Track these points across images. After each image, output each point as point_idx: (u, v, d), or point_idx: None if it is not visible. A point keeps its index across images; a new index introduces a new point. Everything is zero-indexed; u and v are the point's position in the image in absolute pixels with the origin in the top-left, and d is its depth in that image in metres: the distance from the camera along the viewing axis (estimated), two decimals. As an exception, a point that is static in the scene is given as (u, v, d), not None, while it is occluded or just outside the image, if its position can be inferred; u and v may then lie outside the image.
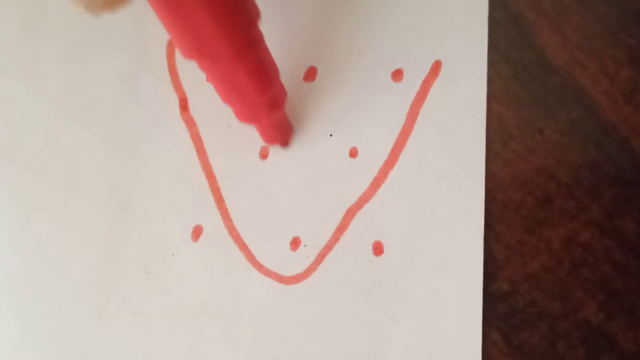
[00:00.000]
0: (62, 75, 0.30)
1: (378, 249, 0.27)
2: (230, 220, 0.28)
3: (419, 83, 0.27)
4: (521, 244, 0.26)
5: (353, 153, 0.27)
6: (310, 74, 0.28)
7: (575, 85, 0.26)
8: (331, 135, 0.28)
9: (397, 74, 0.27)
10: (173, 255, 0.28)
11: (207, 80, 0.23)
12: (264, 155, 0.28)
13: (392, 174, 0.27)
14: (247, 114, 0.25)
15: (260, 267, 0.28)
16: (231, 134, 0.28)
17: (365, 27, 0.28)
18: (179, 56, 0.29)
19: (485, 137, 0.26)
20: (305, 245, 0.27)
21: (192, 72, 0.29)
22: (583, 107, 0.26)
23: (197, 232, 0.28)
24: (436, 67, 0.27)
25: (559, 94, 0.26)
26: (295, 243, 0.27)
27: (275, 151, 0.28)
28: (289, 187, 0.28)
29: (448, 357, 0.26)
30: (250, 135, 0.28)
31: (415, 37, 0.27)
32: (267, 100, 0.24)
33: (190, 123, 0.29)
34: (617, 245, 0.25)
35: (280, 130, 0.27)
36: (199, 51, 0.21)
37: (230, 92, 0.24)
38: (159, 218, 0.29)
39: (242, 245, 0.28)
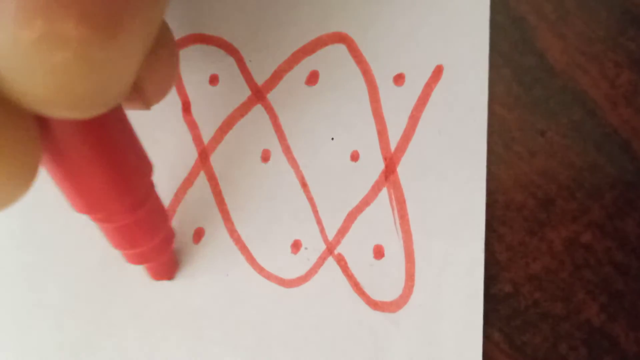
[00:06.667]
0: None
1: (379, 252, 0.27)
2: (232, 222, 0.28)
3: (420, 87, 0.27)
4: (523, 245, 0.26)
5: (354, 157, 0.28)
6: (313, 78, 0.28)
7: (576, 88, 0.27)
8: (332, 138, 0.28)
9: (399, 78, 0.28)
10: (173, 257, 0.28)
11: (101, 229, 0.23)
12: (265, 158, 0.28)
13: (394, 178, 0.27)
14: (137, 258, 0.25)
15: (261, 270, 0.27)
16: (233, 137, 0.28)
17: (367, 31, 0.28)
18: (182, 60, 0.29)
19: (488, 139, 0.26)
20: (306, 249, 0.27)
21: (195, 77, 0.29)
22: (584, 110, 0.26)
23: (198, 235, 0.28)
24: (438, 71, 0.27)
25: (560, 97, 0.27)
26: (296, 246, 0.27)
27: (277, 154, 0.28)
28: (290, 190, 0.28)
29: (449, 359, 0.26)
30: (252, 138, 0.28)
31: (417, 41, 0.28)
32: (157, 245, 0.25)
33: (192, 126, 0.29)
34: (619, 246, 0.26)
35: (166, 267, 0.27)
36: (91, 208, 0.21)
37: (121, 241, 0.24)
38: (160, 220, 0.28)
39: (243, 247, 0.28)
